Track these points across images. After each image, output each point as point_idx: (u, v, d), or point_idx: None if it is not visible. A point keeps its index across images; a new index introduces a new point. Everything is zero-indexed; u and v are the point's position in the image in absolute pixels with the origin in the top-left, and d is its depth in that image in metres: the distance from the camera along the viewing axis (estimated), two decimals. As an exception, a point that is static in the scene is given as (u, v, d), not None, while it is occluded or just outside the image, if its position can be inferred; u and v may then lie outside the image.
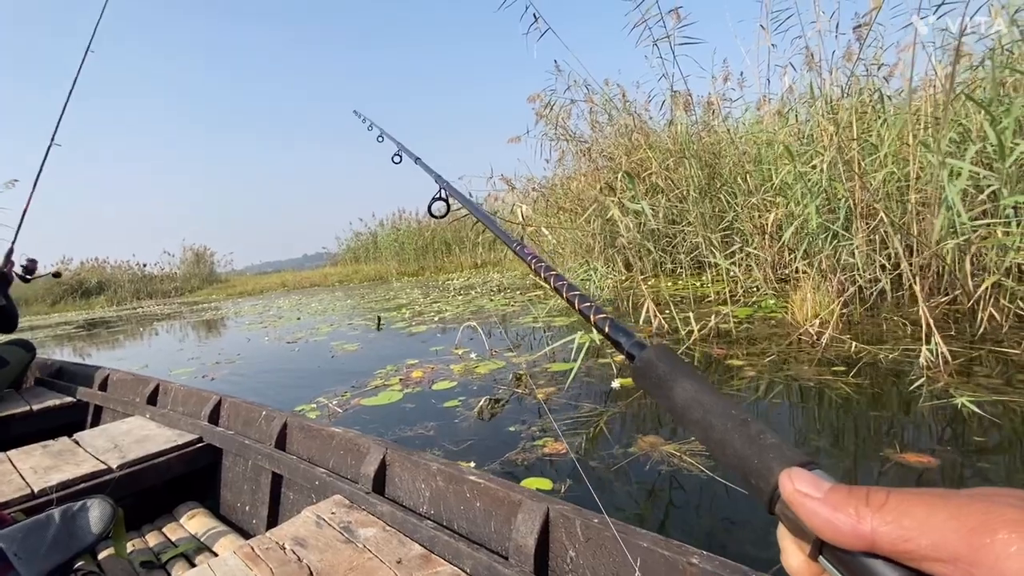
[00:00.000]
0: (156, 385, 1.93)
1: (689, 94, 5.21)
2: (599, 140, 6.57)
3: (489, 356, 2.90)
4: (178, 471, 1.44)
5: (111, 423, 1.74)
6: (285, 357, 3.88)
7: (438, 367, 2.81)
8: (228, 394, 1.66)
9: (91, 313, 15.53)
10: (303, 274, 19.79)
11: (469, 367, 2.71)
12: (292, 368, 3.46)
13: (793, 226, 2.98)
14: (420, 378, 2.64)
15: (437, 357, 3.09)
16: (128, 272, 20.41)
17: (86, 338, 7.84)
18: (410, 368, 2.87)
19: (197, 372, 3.63)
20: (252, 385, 3.07)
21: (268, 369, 3.53)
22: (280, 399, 2.64)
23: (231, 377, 3.33)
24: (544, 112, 6.70)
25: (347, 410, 2.27)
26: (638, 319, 3.40)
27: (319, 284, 16.82)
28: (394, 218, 19.34)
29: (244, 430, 1.48)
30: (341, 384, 2.73)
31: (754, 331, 2.79)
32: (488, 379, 2.46)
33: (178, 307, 14.02)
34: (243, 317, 8.05)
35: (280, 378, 3.17)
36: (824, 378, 1.95)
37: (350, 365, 3.26)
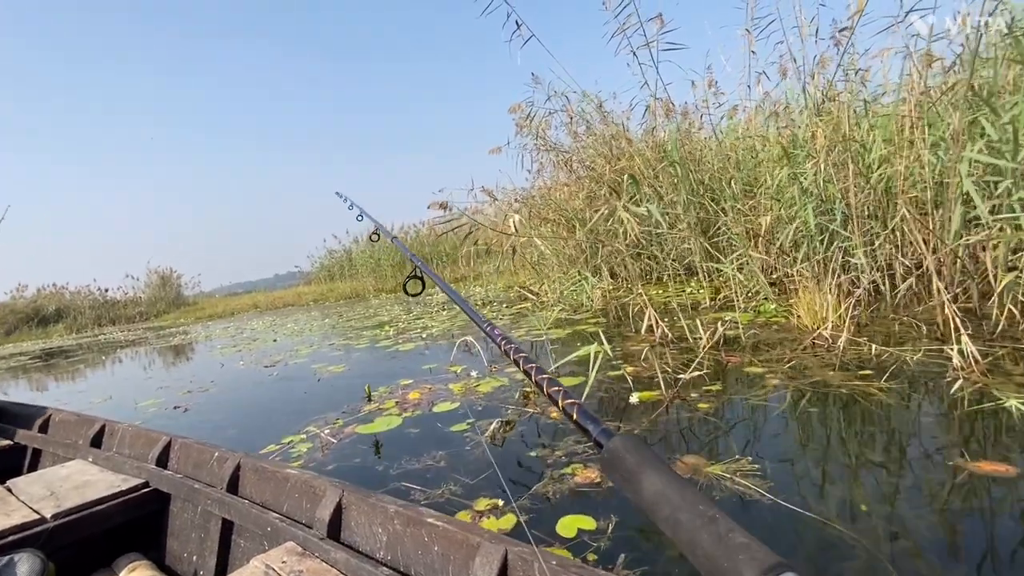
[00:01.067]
0: (101, 426, 1.79)
1: (670, 101, 5.19)
2: (579, 150, 6.51)
3: (489, 373, 2.71)
4: (120, 520, 1.33)
5: (50, 468, 1.61)
6: (264, 382, 3.60)
7: (436, 387, 2.61)
8: (180, 434, 1.54)
9: (49, 342, 14.64)
10: (276, 294, 19.18)
11: (470, 386, 2.52)
12: (273, 394, 3.20)
13: (792, 228, 2.92)
14: (418, 400, 2.43)
15: (432, 376, 2.89)
16: (89, 298, 19.42)
17: (43, 369, 7.30)
18: (405, 389, 2.66)
19: (166, 403, 3.33)
20: (229, 415, 2.81)
21: (247, 396, 3.26)
22: (263, 430, 2.39)
23: (205, 407, 3.05)
24: (524, 123, 6.62)
25: (342, 439, 2.05)
26: (637, 328, 3.28)
27: (293, 304, 16.30)
28: (369, 234, 18.94)
29: (195, 473, 1.38)
30: (331, 410, 2.50)
31: (761, 337, 2.68)
32: (493, 398, 2.28)
33: (143, 332, 13.34)
34: (215, 341, 7.64)
35: (261, 406, 2.91)
36: (853, 383, 1.84)
37: (338, 388, 3.02)
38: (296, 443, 2.11)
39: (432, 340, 4.30)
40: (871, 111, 3.33)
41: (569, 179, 6.66)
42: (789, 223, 3.24)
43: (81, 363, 7.48)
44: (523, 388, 2.29)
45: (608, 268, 6.02)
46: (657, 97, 5.10)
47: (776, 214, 3.35)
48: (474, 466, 1.60)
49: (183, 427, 2.61)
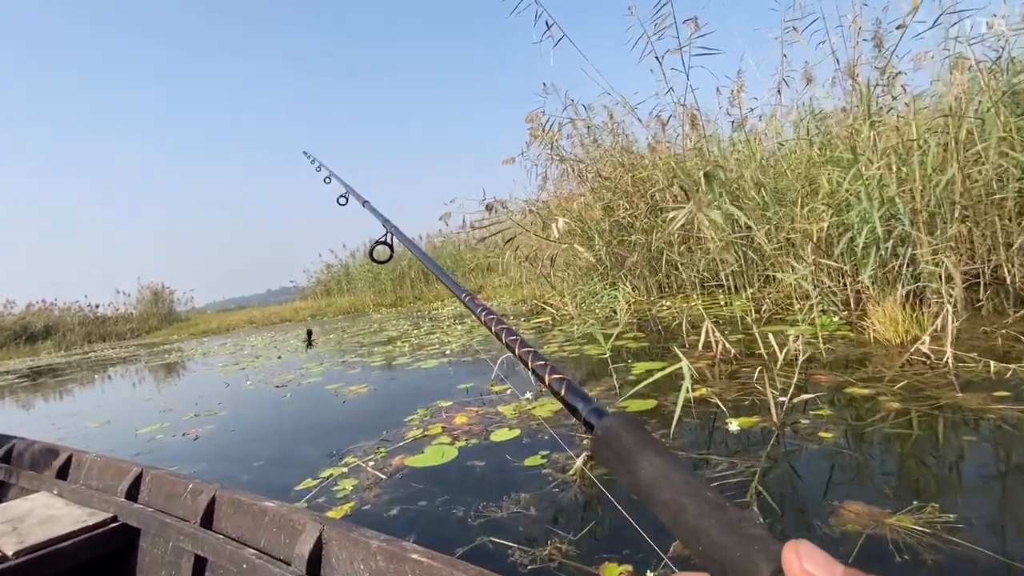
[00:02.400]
0: (68, 456, 1.69)
1: (696, 108, 5.00)
2: (596, 160, 6.31)
3: (540, 393, 2.43)
4: (87, 557, 1.26)
5: (13, 501, 1.53)
6: (279, 406, 3.28)
7: (483, 410, 2.32)
8: (152, 466, 1.45)
9: (37, 360, 14.09)
10: (271, 309, 18.76)
11: (523, 409, 2.23)
12: (293, 419, 2.88)
13: (858, 234, 2.68)
14: (467, 425, 2.14)
15: (473, 397, 2.59)
16: (79, 314, 18.86)
17: (31, 390, 6.88)
18: (447, 413, 2.36)
19: (172, 428, 3.00)
20: (249, 444, 2.49)
21: (263, 421, 2.94)
22: (293, 462, 2.08)
23: (219, 434, 2.72)
24: (538, 132, 6.42)
25: (391, 474, 1.75)
26: (690, 343, 3.01)
27: (290, 319, 15.90)
28: (366, 248, 18.70)
29: (167, 506, 1.31)
30: (368, 437, 2.20)
31: (839, 353, 2.43)
32: (557, 424, 1.99)
33: (135, 349, 12.86)
34: (214, 358, 7.27)
35: (283, 433, 2.59)
36: (998, 408, 1.58)
37: (369, 412, 2.72)
38: (337, 478, 1.80)
39: (455, 357, 4.00)
40: (918, 113, 3.15)
41: (582, 189, 6.44)
42: (848, 230, 3.02)
43: (72, 382, 7.07)
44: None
45: (630, 280, 5.77)
46: (683, 104, 4.92)
47: (832, 220, 3.13)
48: (573, 514, 1.31)
49: (197, 457, 2.29)
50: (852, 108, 3.39)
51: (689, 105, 4.97)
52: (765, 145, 4.86)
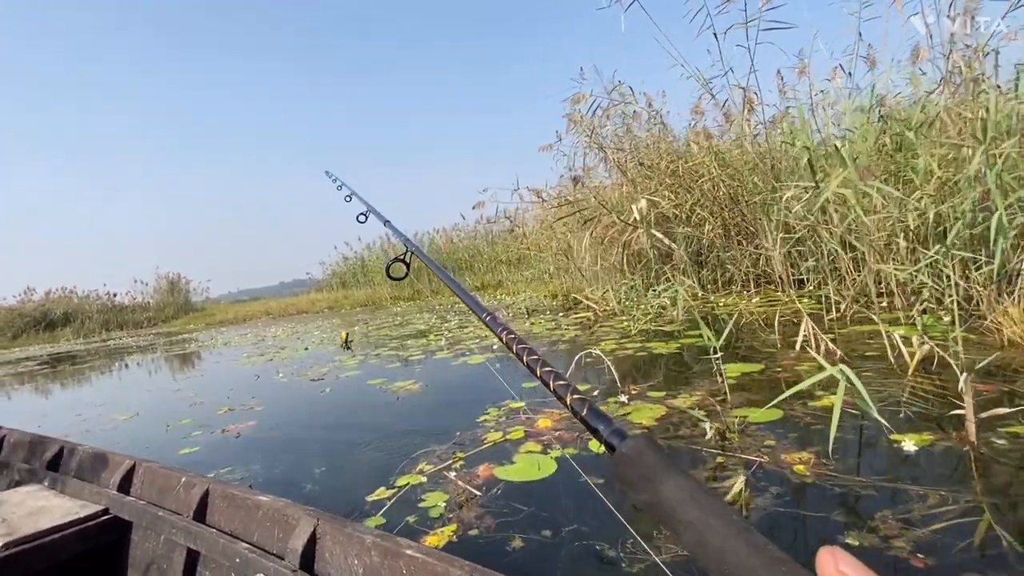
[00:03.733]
0: (59, 448, 1.66)
1: (756, 90, 4.66)
2: (638, 148, 5.98)
3: (628, 397, 2.13)
4: (77, 550, 1.24)
5: (3, 492, 1.50)
6: (321, 401, 3.01)
7: (566, 413, 2.03)
8: (145, 458, 1.41)
9: (56, 346, 14.04)
10: (288, 301, 18.62)
11: (617, 415, 1.93)
12: (343, 417, 2.60)
13: (994, 222, 2.34)
14: (555, 430, 1.85)
15: (546, 398, 2.30)
16: (97, 302, 18.86)
17: (53, 376, 6.71)
18: (525, 414, 2.07)
19: (207, 423, 2.74)
20: (299, 443, 2.21)
21: (308, 418, 2.67)
22: (356, 468, 1.80)
23: (262, 432, 2.46)
24: (578, 118, 6.10)
25: (487, 489, 1.46)
26: (767, 342, 2.70)
27: (306, 311, 15.74)
28: (383, 241, 18.51)
29: (159, 499, 1.29)
30: (437, 440, 1.91)
31: (973, 356, 2.10)
32: (664, 434, 1.70)
33: (153, 338, 12.75)
34: (235, 348, 7.05)
35: (335, 432, 2.32)
36: None
37: (428, 411, 2.44)
38: (417, 489, 1.52)
39: (502, 352, 3.71)
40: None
41: (621, 180, 6.12)
42: (959, 219, 2.68)
43: (93, 370, 6.88)
44: (695, 418, 1.70)
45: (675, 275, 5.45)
46: (742, 87, 4.58)
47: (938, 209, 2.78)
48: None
49: (245, 459, 2.01)
50: (943, 88, 3.04)
51: (750, 88, 4.63)
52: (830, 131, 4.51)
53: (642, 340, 3.41)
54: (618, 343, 3.41)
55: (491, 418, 2.10)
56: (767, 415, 1.71)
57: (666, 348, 3.04)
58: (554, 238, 6.34)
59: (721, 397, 1.96)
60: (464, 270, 16.23)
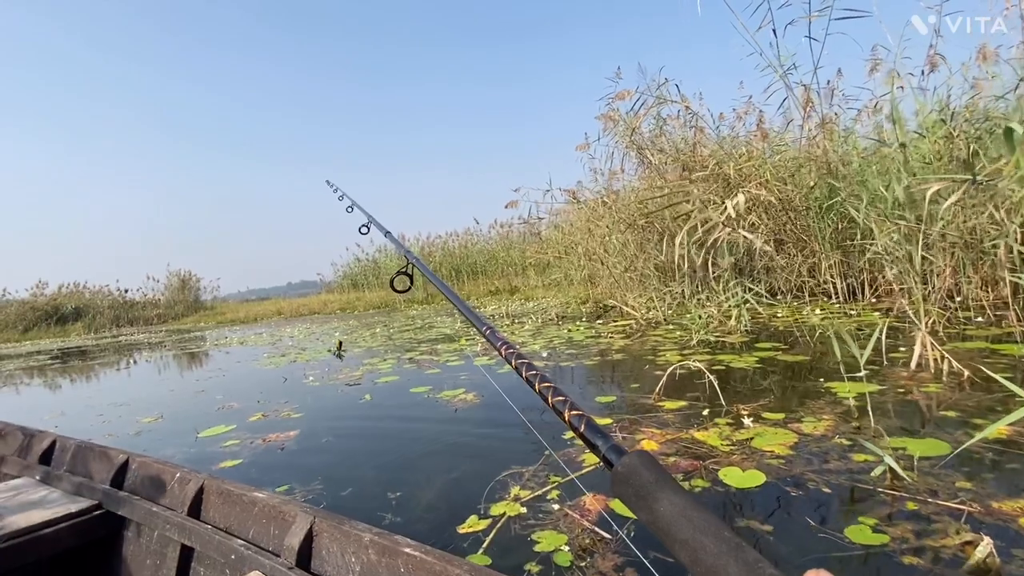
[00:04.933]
0: (52, 441, 1.63)
1: (816, 91, 4.40)
2: (679, 150, 5.72)
3: (740, 418, 1.85)
4: (69, 544, 1.21)
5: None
6: (365, 410, 2.74)
7: (670, 434, 1.74)
8: (139, 453, 1.37)
9: (67, 341, 13.88)
10: (300, 301, 18.43)
11: (737, 439, 1.65)
12: (397, 430, 2.33)
13: None
14: (663, 454, 1.58)
15: (635, 414, 2.02)
16: (108, 298, 18.74)
17: (68, 372, 6.48)
18: (623, 434, 1.80)
19: (243, 432, 2.48)
20: (358, 460, 1.93)
21: (357, 429, 2.39)
22: (437, 492, 1.53)
23: (308, 443, 2.19)
24: (618, 116, 5.86)
25: (609, 527, 1.19)
26: (899, 360, 2.42)
27: (319, 312, 15.54)
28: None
29: (153, 495, 1.24)
30: (519, 461, 1.64)
31: None
32: (811, 467, 1.42)
33: (165, 335, 12.56)
34: (253, 348, 6.81)
35: (394, 448, 2.05)
36: None
37: (497, 425, 2.16)
38: (518, 522, 1.25)
39: (550, 361, 3.44)
40: None
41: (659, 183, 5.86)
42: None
43: (108, 367, 6.66)
44: (885, 455, 1.42)
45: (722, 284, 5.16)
46: (806, 85, 4.32)
47: None
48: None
49: (302, 476, 1.74)
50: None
51: (810, 87, 4.37)
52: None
53: (708, 352, 3.13)
54: (681, 354, 3.13)
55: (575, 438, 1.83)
56: (932, 447, 1.43)
57: (743, 362, 2.76)
58: (590, 239, 6.08)
59: (856, 422, 1.68)
60: (479, 275, 16.02)
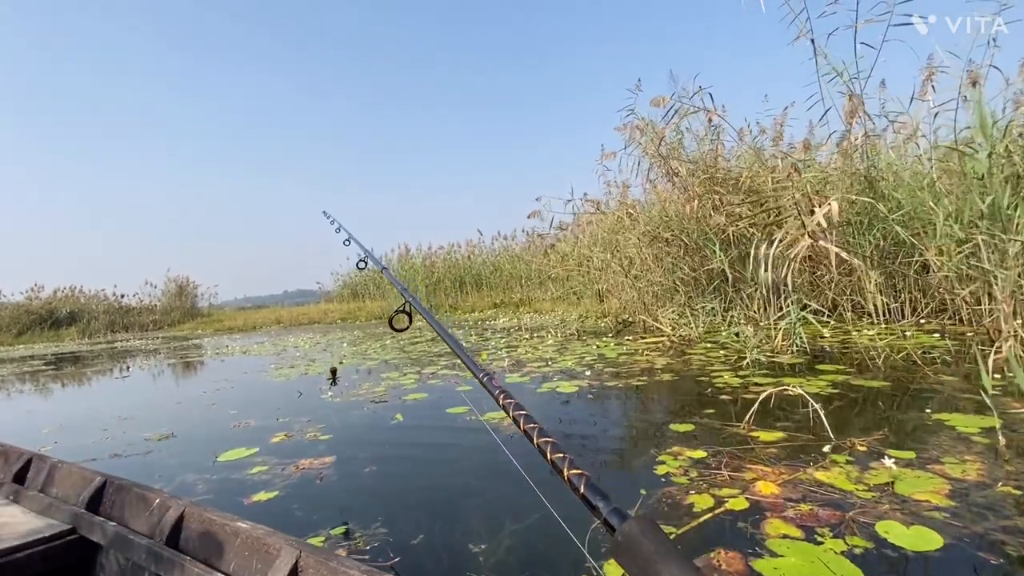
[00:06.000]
0: (27, 460, 1.53)
1: (861, 99, 4.23)
2: (706, 161, 5.54)
3: (845, 449, 1.61)
4: (39, 570, 1.14)
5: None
6: (401, 433, 2.46)
7: (788, 473, 1.50)
8: (117, 476, 1.30)
9: (61, 345, 13.48)
10: (299, 310, 18.13)
11: (874, 483, 1.41)
12: (446, 460, 2.04)
13: None
14: (790, 499, 1.33)
15: (725, 443, 1.78)
16: (104, 303, 18.36)
17: (58, 379, 6.16)
18: (720, 469, 1.55)
19: (269, 455, 2.20)
20: (421, 497, 1.64)
21: (400, 456, 2.11)
22: (529, 543, 1.27)
23: (349, 472, 1.91)
24: (644, 126, 5.69)
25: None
26: (954, 385, 2.18)
27: (319, 321, 15.24)
28: (399, 252, 18.17)
29: (131, 520, 1.19)
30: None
31: None
32: (986, 522, 1.18)
33: (162, 342, 12.19)
34: (256, 358, 6.52)
35: (454, 483, 1.77)
36: None
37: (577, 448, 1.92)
38: None
39: (594, 380, 3.19)
40: None
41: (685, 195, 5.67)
42: None
43: (106, 375, 6.34)
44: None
45: (761, 300, 4.94)
46: (854, 95, 4.15)
47: None
48: None
49: (350, 512, 1.45)
50: None
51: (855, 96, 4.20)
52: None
53: (766, 374, 2.89)
54: (738, 376, 2.89)
55: (673, 470, 1.58)
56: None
57: (814, 386, 2.52)
58: (614, 250, 5.86)
59: (1008, 465, 1.44)
60: (483, 287, 15.78)
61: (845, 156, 3.91)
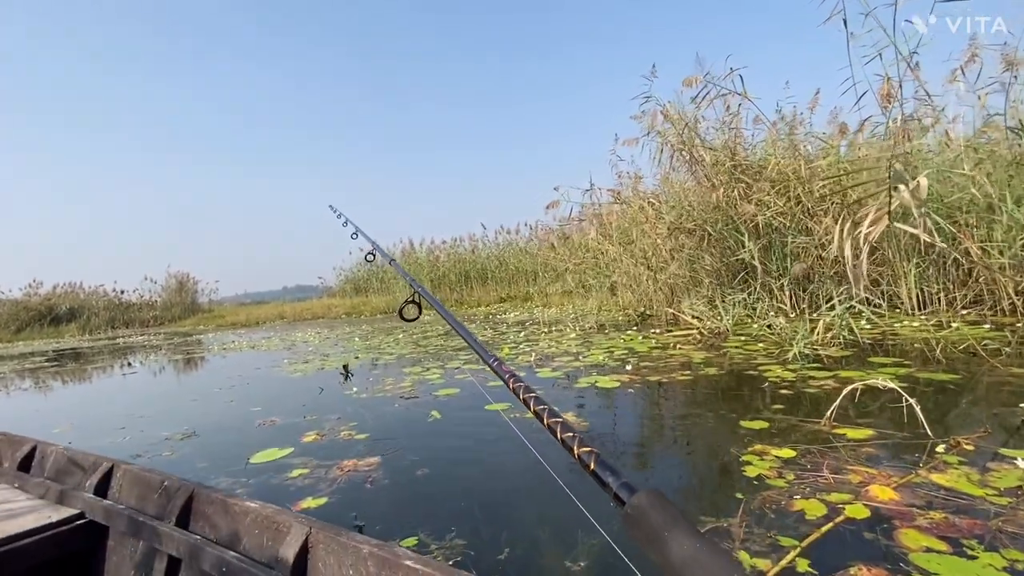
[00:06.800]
0: (32, 447, 1.52)
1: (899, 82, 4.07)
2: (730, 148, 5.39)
3: (953, 449, 1.47)
4: (49, 555, 1.14)
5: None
6: (441, 430, 2.33)
7: (893, 475, 1.36)
8: (123, 460, 1.30)
9: (61, 342, 13.32)
10: (303, 305, 17.97)
11: (1011, 489, 1.27)
12: (501, 458, 1.91)
13: None
14: (911, 504, 1.19)
15: (811, 442, 1.64)
16: (104, 299, 18.16)
17: (62, 376, 6.00)
18: (819, 469, 1.41)
19: (307, 457, 2.06)
20: (485, 498, 1.52)
21: (450, 457, 1.96)
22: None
23: (398, 475, 1.76)
24: (670, 113, 5.53)
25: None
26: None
27: (323, 316, 15.11)
28: (403, 245, 18.02)
29: (139, 504, 1.18)
30: (709, 509, 1.26)
31: None
32: None
33: (164, 338, 12.03)
34: (266, 354, 6.37)
35: (510, 478, 1.64)
36: None
37: (636, 456, 1.77)
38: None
39: (636, 377, 3.05)
40: None
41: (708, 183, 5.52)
42: None
43: (110, 371, 6.18)
44: None
45: (790, 292, 4.80)
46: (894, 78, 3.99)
47: None
48: None
49: (417, 520, 1.31)
50: None
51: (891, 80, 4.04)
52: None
53: (818, 368, 2.75)
54: (788, 370, 2.75)
55: (764, 471, 1.44)
56: None
57: (878, 379, 2.38)
58: (642, 239, 5.72)
59: None
60: (488, 281, 15.64)
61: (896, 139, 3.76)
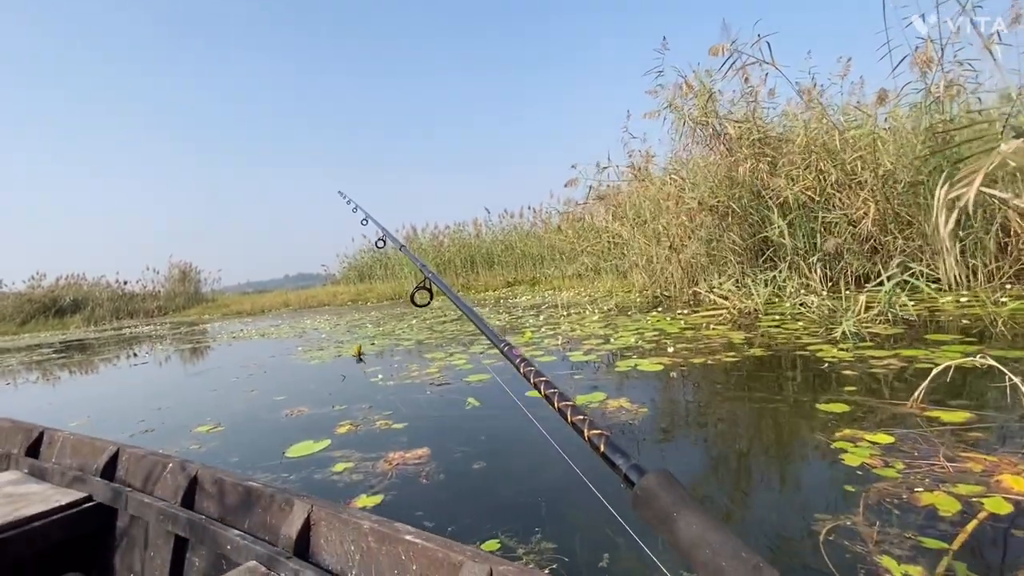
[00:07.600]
0: (39, 433, 1.54)
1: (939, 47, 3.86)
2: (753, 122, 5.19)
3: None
4: (58, 537, 1.17)
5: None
6: (483, 418, 2.19)
7: (1008, 461, 1.23)
8: (129, 444, 1.32)
9: (67, 333, 13.22)
10: (308, 293, 17.84)
11: None
12: (561, 449, 1.80)
13: None
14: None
15: (902, 426, 1.50)
16: (107, 290, 18.04)
17: (72, 368, 5.90)
18: (929, 458, 1.28)
19: (346, 450, 1.92)
20: (557, 495, 1.40)
21: (501, 447, 1.84)
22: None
23: (453, 469, 1.62)
24: (690, 84, 5.32)
25: None
26: None
27: (328, 303, 14.98)
28: (406, 231, 17.80)
29: (146, 486, 1.20)
30: (795, 512, 1.13)
31: None
32: None
33: (170, 328, 11.93)
34: (277, 342, 6.25)
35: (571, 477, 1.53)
36: None
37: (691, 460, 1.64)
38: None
39: (679, 359, 2.91)
40: None
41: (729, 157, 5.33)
42: None
43: (120, 362, 6.06)
44: None
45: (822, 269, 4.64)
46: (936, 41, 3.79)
47: None
48: None
49: (489, 523, 1.20)
50: None
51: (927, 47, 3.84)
52: None
53: (874, 347, 2.61)
54: (844, 350, 2.61)
55: (867, 460, 1.30)
56: None
57: (945, 357, 2.23)
58: (664, 215, 5.55)
59: None
60: (495, 265, 15.48)
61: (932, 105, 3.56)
